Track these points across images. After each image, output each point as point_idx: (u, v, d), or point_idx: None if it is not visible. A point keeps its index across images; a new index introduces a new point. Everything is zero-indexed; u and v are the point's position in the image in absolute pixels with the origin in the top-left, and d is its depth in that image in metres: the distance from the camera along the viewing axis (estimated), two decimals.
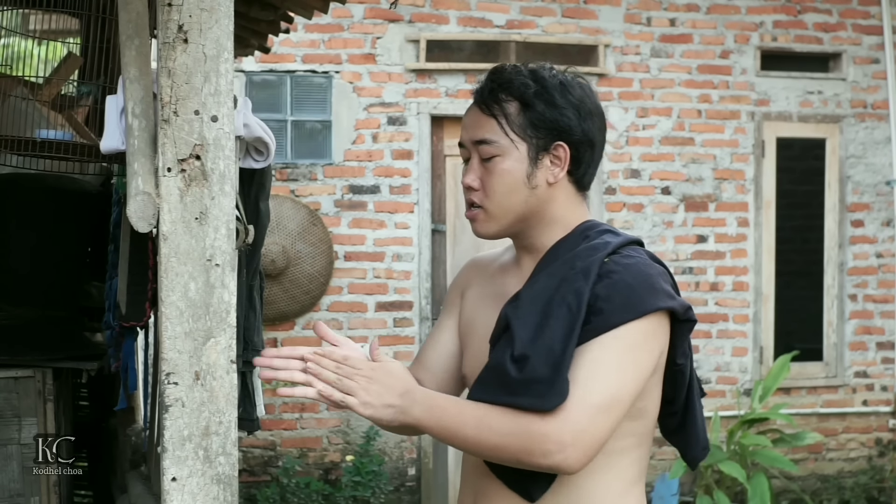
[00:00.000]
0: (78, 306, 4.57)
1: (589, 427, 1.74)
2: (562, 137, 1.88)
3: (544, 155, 1.89)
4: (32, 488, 3.78)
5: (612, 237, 1.89)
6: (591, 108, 1.91)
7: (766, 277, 7.06)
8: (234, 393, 2.08)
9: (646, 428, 1.89)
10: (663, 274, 1.87)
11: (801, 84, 7.11)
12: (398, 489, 6.60)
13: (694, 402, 1.95)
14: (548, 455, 1.74)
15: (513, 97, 1.89)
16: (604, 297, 1.78)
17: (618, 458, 1.86)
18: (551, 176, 1.90)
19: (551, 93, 1.88)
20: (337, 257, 6.54)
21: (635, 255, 1.86)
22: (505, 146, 1.89)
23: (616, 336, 1.77)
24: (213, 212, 2.04)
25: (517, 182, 1.89)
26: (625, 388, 1.77)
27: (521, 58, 6.64)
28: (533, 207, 1.91)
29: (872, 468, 7.15)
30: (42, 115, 3.70)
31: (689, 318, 1.86)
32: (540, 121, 1.88)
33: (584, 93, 1.92)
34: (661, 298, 1.80)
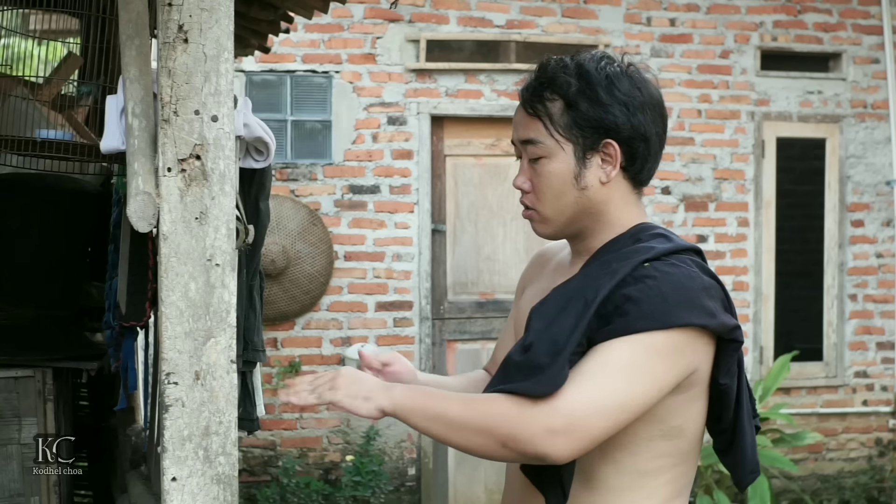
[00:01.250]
0: (78, 306, 4.56)
1: (582, 420, 1.66)
2: (609, 135, 1.80)
3: (593, 154, 1.82)
4: (32, 488, 3.78)
5: (662, 242, 1.80)
6: (643, 100, 1.82)
7: (766, 277, 7.06)
8: (234, 393, 2.08)
9: (685, 447, 1.81)
10: (710, 289, 1.76)
11: (801, 84, 7.11)
12: (398, 489, 6.59)
13: (743, 424, 1.85)
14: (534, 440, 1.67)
15: (557, 95, 1.82)
16: (633, 300, 1.70)
17: (650, 479, 1.79)
18: (603, 175, 1.82)
19: (595, 89, 1.80)
20: (337, 257, 6.54)
21: (681, 264, 1.76)
22: (550, 147, 1.82)
23: (637, 340, 1.69)
24: (213, 212, 2.04)
25: (565, 183, 1.82)
26: (632, 396, 1.69)
27: (521, 58, 6.65)
28: (586, 207, 1.84)
29: (872, 468, 7.15)
30: (42, 115, 3.69)
31: (734, 339, 1.77)
32: (585, 120, 1.80)
33: (632, 85, 1.82)
34: (694, 314, 1.71)
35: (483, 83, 6.66)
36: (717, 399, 1.82)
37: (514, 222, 6.71)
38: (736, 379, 1.82)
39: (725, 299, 1.80)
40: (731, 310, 1.80)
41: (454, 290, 6.73)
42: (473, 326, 6.73)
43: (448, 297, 6.72)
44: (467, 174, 6.70)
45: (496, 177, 6.68)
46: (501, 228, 6.73)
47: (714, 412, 1.84)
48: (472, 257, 6.72)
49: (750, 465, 1.89)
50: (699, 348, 1.74)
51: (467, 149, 6.70)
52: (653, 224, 1.88)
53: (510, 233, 6.73)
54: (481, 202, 6.71)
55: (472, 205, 6.71)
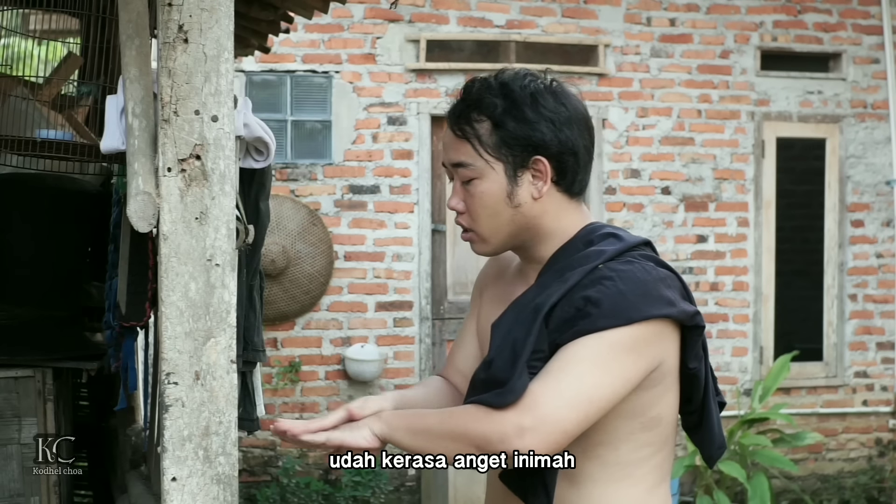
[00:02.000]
0: (78, 306, 4.56)
1: (551, 416, 1.69)
2: (538, 152, 1.83)
3: (523, 171, 1.84)
4: (32, 488, 3.78)
5: (612, 243, 1.83)
6: (568, 115, 1.85)
7: (766, 277, 7.06)
8: (234, 393, 2.08)
9: (663, 434, 1.85)
10: (665, 279, 1.80)
11: (801, 84, 7.11)
12: (398, 489, 6.60)
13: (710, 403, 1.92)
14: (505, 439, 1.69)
15: (484, 116, 1.84)
16: (593, 301, 1.73)
17: (634, 468, 1.82)
18: (535, 191, 1.85)
19: (521, 108, 1.83)
20: (337, 257, 6.54)
21: (634, 260, 1.80)
22: (481, 168, 1.84)
23: (601, 337, 1.72)
24: (213, 212, 2.04)
25: (498, 202, 1.85)
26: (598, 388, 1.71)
27: (521, 58, 6.65)
28: (522, 224, 1.86)
29: (872, 468, 7.15)
30: (42, 115, 3.69)
31: (697, 324, 1.81)
32: (513, 139, 1.82)
33: (557, 101, 1.85)
34: (655, 306, 1.75)
35: None
36: (687, 383, 1.87)
37: None
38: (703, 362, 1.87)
39: (682, 288, 1.83)
40: (689, 297, 1.84)
41: (454, 290, 6.73)
42: None
43: (448, 297, 6.72)
44: None
45: None
46: None
47: (684, 395, 1.89)
48: (472, 257, 6.70)
49: (718, 441, 1.95)
50: (664, 338, 1.78)
51: None
52: (601, 224, 1.92)
53: None
54: None
55: None
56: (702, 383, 1.88)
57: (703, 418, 1.93)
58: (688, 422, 1.96)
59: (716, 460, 1.99)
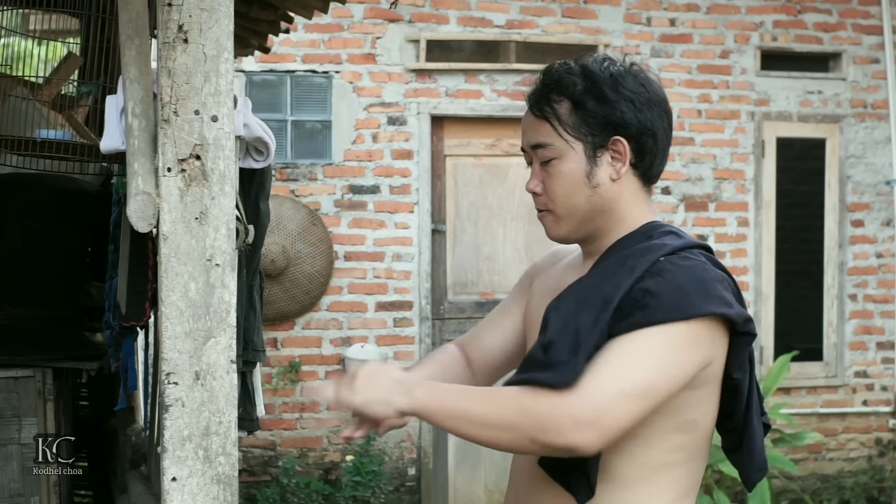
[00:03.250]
0: (78, 306, 4.56)
1: (609, 409, 1.67)
2: (618, 132, 1.83)
3: (603, 152, 1.84)
4: (32, 488, 3.78)
5: (673, 239, 1.83)
6: (648, 97, 1.85)
7: (766, 277, 7.06)
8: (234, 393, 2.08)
9: (697, 442, 1.83)
10: (723, 280, 1.79)
11: (801, 84, 7.11)
12: (398, 489, 6.60)
13: (752, 421, 1.87)
14: (562, 432, 1.66)
15: (564, 97, 1.84)
16: (652, 293, 1.72)
17: (664, 473, 1.80)
18: (614, 172, 1.85)
19: (601, 88, 1.83)
20: (337, 257, 6.54)
21: (694, 258, 1.80)
22: (561, 148, 1.85)
23: (658, 331, 1.70)
24: (213, 212, 2.04)
25: (577, 182, 1.85)
26: (656, 382, 1.70)
27: (521, 58, 6.65)
28: (598, 206, 1.86)
29: (872, 468, 7.15)
30: (42, 115, 3.69)
31: (749, 331, 1.78)
32: (593, 118, 1.83)
33: (637, 82, 1.85)
34: (713, 303, 1.73)
35: (483, 83, 6.66)
36: (728, 395, 1.83)
37: (514, 222, 6.72)
38: (748, 375, 1.84)
39: (737, 292, 1.82)
40: (742, 303, 1.82)
41: (454, 290, 6.73)
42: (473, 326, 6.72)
43: (448, 297, 6.72)
44: (467, 174, 6.70)
45: (496, 177, 6.68)
46: (501, 228, 6.73)
47: (725, 409, 1.85)
48: (472, 257, 6.72)
49: (758, 464, 1.90)
50: (716, 339, 1.76)
51: (467, 149, 6.69)
52: (662, 222, 1.91)
53: (510, 233, 6.73)
54: (481, 202, 6.71)
55: (472, 205, 6.71)
56: (744, 398, 1.85)
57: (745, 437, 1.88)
58: (729, 441, 1.91)
59: (755, 483, 1.92)
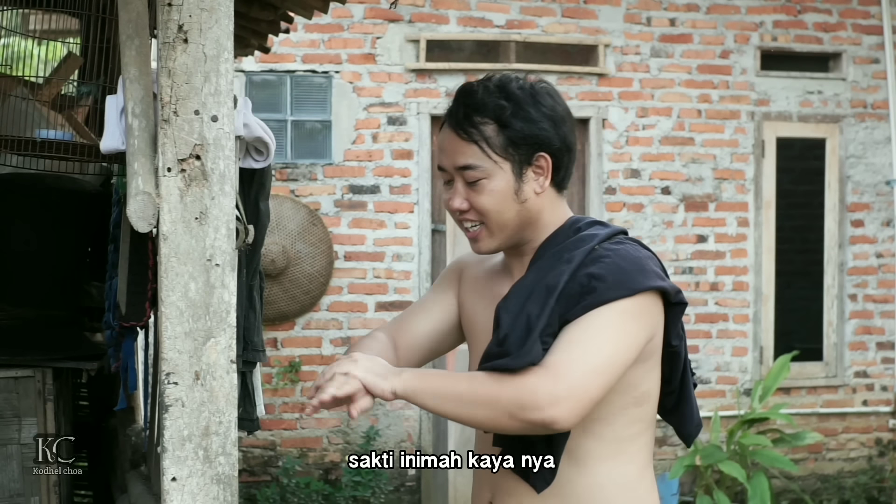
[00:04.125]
0: (78, 306, 4.56)
1: (582, 383, 1.78)
2: (542, 149, 1.92)
3: (527, 168, 1.93)
4: (32, 488, 3.78)
5: (600, 229, 1.96)
6: (562, 113, 1.96)
7: (766, 277, 7.06)
8: (234, 393, 2.08)
9: (650, 412, 1.96)
10: (652, 258, 1.94)
11: (801, 84, 7.11)
12: (398, 489, 6.60)
13: (688, 382, 2.03)
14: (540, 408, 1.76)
15: (489, 119, 1.91)
16: (598, 277, 1.84)
17: (628, 444, 1.92)
18: (537, 186, 1.94)
19: (525, 108, 1.91)
20: (337, 257, 6.54)
21: (624, 242, 1.94)
22: (489, 168, 1.92)
23: (610, 308, 1.82)
24: (213, 212, 2.04)
25: (506, 199, 1.93)
26: (618, 354, 1.82)
27: (521, 58, 6.65)
28: (525, 218, 1.96)
29: (872, 468, 7.15)
30: (42, 115, 3.69)
31: (681, 301, 1.93)
32: (520, 138, 1.91)
33: (553, 99, 1.95)
34: (651, 279, 1.87)
35: None
36: (668, 361, 1.97)
37: None
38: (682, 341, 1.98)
39: (663, 269, 1.96)
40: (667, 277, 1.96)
41: None
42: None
43: None
44: None
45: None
46: None
47: (664, 374, 1.98)
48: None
49: (696, 419, 2.06)
50: (656, 312, 1.90)
51: None
52: (581, 215, 2.05)
53: None
54: None
55: None
56: (681, 362, 1.99)
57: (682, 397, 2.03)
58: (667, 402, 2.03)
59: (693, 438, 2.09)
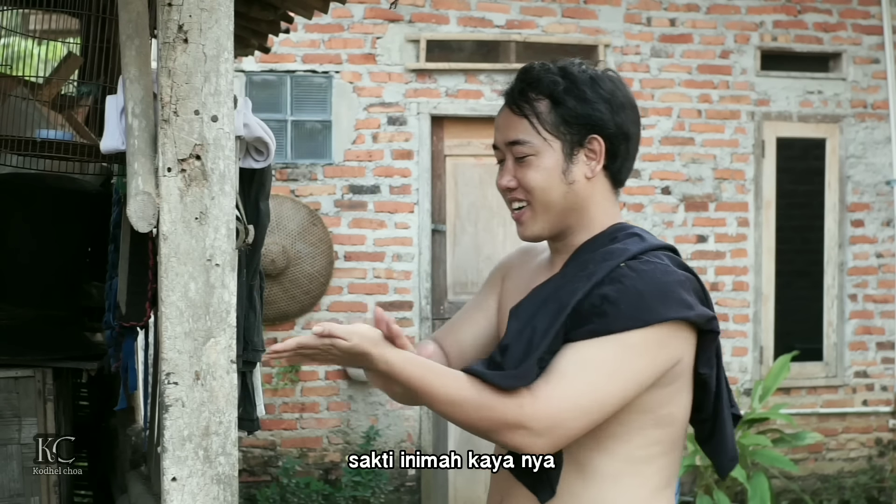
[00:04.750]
0: (78, 306, 4.56)
1: (563, 422, 1.73)
2: (595, 131, 1.87)
3: (579, 150, 1.88)
4: (32, 488, 3.78)
5: (636, 242, 1.87)
6: (622, 100, 1.90)
7: (766, 277, 7.06)
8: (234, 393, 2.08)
9: (674, 435, 1.87)
10: (685, 282, 1.82)
11: (801, 84, 7.11)
12: (398, 489, 6.60)
13: (723, 413, 1.92)
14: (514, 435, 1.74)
15: (543, 95, 1.88)
16: (611, 301, 1.76)
17: (643, 466, 1.84)
18: (588, 170, 1.89)
19: (581, 87, 1.87)
20: (337, 257, 6.54)
21: (656, 261, 1.83)
22: (538, 145, 1.88)
23: (615, 340, 1.75)
24: (213, 212, 2.04)
25: (553, 178, 1.88)
26: (609, 394, 1.75)
27: (521, 58, 6.64)
28: (572, 203, 1.89)
29: (872, 468, 7.15)
30: (42, 115, 3.69)
31: (712, 329, 1.83)
32: (572, 116, 1.87)
33: (615, 86, 1.90)
34: (672, 308, 1.77)
35: (483, 83, 6.66)
36: (697, 389, 1.88)
37: (513, 222, 6.70)
38: (715, 369, 1.88)
39: (701, 291, 1.85)
40: (707, 302, 1.86)
41: (454, 290, 6.73)
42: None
43: (448, 297, 6.72)
44: (467, 174, 6.70)
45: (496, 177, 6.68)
46: (501, 228, 6.73)
47: (695, 402, 1.90)
48: (472, 257, 6.72)
49: (730, 453, 1.95)
50: (681, 340, 1.80)
51: (467, 149, 6.69)
52: (628, 224, 1.96)
53: (510, 233, 6.73)
54: (481, 202, 6.71)
55: (472, 205, 6.71)
56: (712, 391, 1.89)
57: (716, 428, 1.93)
58: (700, 431, 1.96)
59: (728, 472, 1.98)
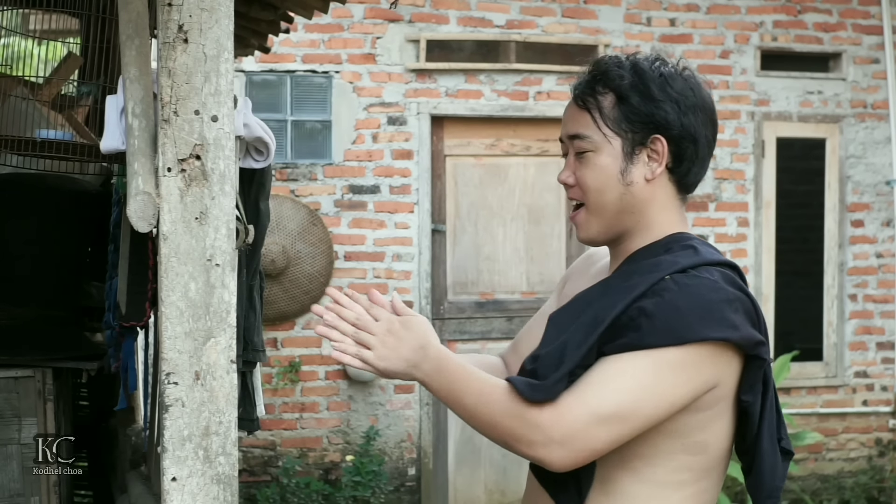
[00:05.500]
0: (78, 306, 4.56)
1: (582, 432, 1.66)
2: (659, 131, 1.78)
3: (641, 150, 1.78)
4: (32, 488, 3.78)
5: (689, 255, 1.76)
6: (695, 101, 1.80)
7: (766, 277, 7.06)
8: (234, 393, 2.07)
9: (707, 464, 1.76)
10: (734, 301, 1.70)
11: (801, 84, 7.11)
12: (398, 489, 6.59)
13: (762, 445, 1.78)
14: (532, 446, 1.68)
15: (608, 89, 1.79)
16: (647, 314, 1.67)
17: (671, 491, 1.74)
18: (649, 172, 1.79)
19: (648, 85, 1.78)
20: (337, 257, 6.54)
21: (706, 276, 1.71)
22: (598, 141, 1.79)
23: (647, 355, 1.66)
24: (213, 212, 2.04)
25: (610, 178, 1.79)
26: (639, 408, 1.66)
27: (521, 58, 6.64)
28: (629, 205, 1.80)
29: (872, 468, 7.15)
30: (42, 115, 3.69)
31: (758, 355, 1.71)
32: (635, 114, 1.78)
33: (687, 85, 1.80)
34: (713, 327, 1.66)
35: (483, 83, 6.66)
36: (739, 417, 1.78)
37: (514, 222, 6.71)
38: (760, 397, 1.76)
39: (754, 313, 1.73)
40: (758, 325, 1.73)
41: (454, 290, 6.73)
42: (473, 326, 6.73)
43: (448, 297, 6.73)
44: (467, 174, 6.70)
45: (496, 177, 6.68)
46: (501, 228, 6.73)
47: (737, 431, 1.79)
48: (472, 257, 6.72)
49: (768, 490, 1.82)
50: (721, 363, 1.70)
51: (467, 149, 6.69)
52: (689, 235, 1.85)
53: (510, 233, 6.73)
54: (481, 202, 6.71)
55: (472, 205, 6.71)
56: (754, 422, 1.77)
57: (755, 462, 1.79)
58: (744, 462, 1.83)
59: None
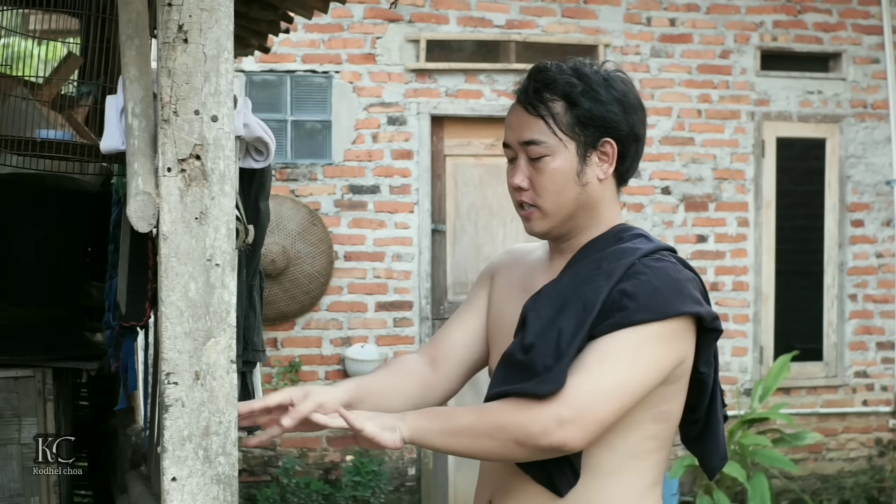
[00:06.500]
0: (78, 306, 4.57)
1: (588, 405, 1.74)
2: (609, 133, 1.89)
3: (592, 152, 1.89)
4: (32, 488, 3.78)
5: (644, 242, 1.91)
6: (633, 101, 1.92)
7: (766, 277, 7.06)
8: (234, 393, 2.07)
9: (668, 432, 1.91)
10: (692, 280, 1.87)
11: (801, 84, 7.11)
12: (398, 489, 6.60)
13: (716, 412, 1.96)
14: (548, 433, 1.74)
15: (558, 96, 1.89)
16: (629, 295, 1.80)
17: (640, 461, 1.87)
18: (601, 172, 1.91)
19: (596, 89, 1.88)
20: (337, 257, 6.54)
21: (666, 259, 1.88)
22: (554, 145, 1.89)
23: (636, 331, 1.78)
24: (213, 212, 2.04)
25: (568, 180, 1.89)
26: (635, 378, 1.78)
27: (521, 58, 6.65)
28: (584, 203, 1.91)
29: (872, 468, 7.15)
30: (42, 115, 3.69)
31: (715, 328, 1.87)
32: (587, 118, 1.88)
33: (626, 87, 1.92)
34: (686, 303, 1.82)
35: (483, 83, 6.66)
36: (695, 388, 1.91)
37: (514, 222, 6.71)
38: (712, 369, 1.92)
39: (703, 291, 1.90)
40: (708, 302, 1.90)
41: (454, 290, 6.73)
42: None
43: (448, 297, 6.73)
44: (467, 174, 6.70)
45: (496, 177, 6.68)
46: (501, 228, 6.73)
47: (690, 402, 1.92)
48: (472, 257, 6.72)
49: (721, 452, 1.99)
50: (688, 337, 1.84)
51: (467, 149, 6.70)
52: (629, 224, 1.99)
53: (510, 233, 6.73)
54: (481, 202, 6.71)
55: (472, 205, 6.71)
56: (709, 390, 1.92)
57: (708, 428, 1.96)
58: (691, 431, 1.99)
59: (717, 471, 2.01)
